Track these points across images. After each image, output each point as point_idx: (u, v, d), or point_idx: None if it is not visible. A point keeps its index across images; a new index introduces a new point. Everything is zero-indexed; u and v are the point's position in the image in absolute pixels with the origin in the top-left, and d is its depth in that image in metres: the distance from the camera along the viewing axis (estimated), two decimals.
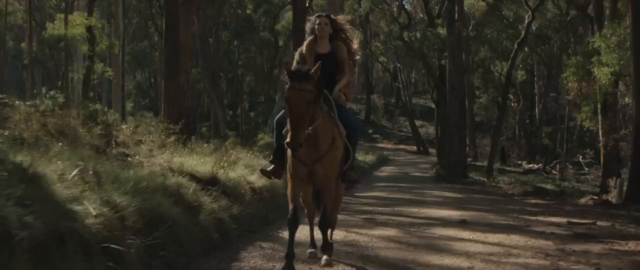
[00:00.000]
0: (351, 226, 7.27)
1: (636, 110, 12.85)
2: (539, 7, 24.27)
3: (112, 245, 3.78)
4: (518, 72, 31.21)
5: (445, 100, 22.44)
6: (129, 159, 7.20)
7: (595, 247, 6.27)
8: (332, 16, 5.43)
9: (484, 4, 24.98)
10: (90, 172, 4.62)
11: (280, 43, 35.00)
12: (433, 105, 32.44)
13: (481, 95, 34.12)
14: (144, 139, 8.75)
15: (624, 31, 14.27)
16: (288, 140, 4.43)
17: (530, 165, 26.75)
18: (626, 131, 16.21)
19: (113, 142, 8.00)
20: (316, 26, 5.25)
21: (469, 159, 29.28)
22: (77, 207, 3.90)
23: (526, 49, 27.89)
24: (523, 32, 22.45)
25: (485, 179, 20.26)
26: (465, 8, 24.25)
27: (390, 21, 30.37)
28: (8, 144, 5.34)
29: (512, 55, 22.37)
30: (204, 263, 5.03)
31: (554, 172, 24.24)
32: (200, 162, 7.89)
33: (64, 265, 3.43)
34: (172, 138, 9.81)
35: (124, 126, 9.48)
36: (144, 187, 4.95)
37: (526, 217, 9.27)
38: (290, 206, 4.89)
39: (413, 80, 49.79)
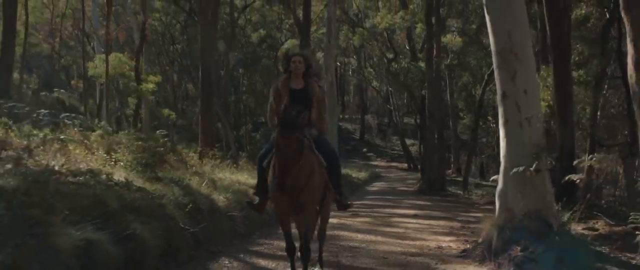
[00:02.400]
0: (342, 217, 12.19)
1: (559, 135, 17.79)
2: None
3: (233, 213, 8.81)
4: (495, 96, 35.96)
5: (426, 125, 27.40)
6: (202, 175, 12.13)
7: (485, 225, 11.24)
8: (306, 55, 6.21)
9: (460, 39, 29.91)
10: (209, 181, 9.63)
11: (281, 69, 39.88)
12: None
13: (465, 116, 38.92)
14: (204, 161, 13.67)
15: None
16: (277, 181, 5.17)
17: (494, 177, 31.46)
18: None
19: (188, 165, 12.92)
20: (291, 64, 5.99)
21: (453, 175, 34.10)
22: (214, 197, 8.91)
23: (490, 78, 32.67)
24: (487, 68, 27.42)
25: (461, 192, 25.02)
26: (445, 43, 29.00)
27: (381, 52, 35.18)
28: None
29: (482, 85, 27.27)
30: (264, 230, 9.90)
31: None
32: (243, 177, 12.88)
33: (216, 220, 8.41)
34: (217, 161, 14.78)
35: (191, 153, 14.37)
36: (233, 190, 9.93)
37: (462, 213, 14.23)
38: (284, 235, 5.94)
39: (405, 101, 54.30)
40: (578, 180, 7.76)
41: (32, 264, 4.38)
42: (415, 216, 13.01)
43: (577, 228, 9.49)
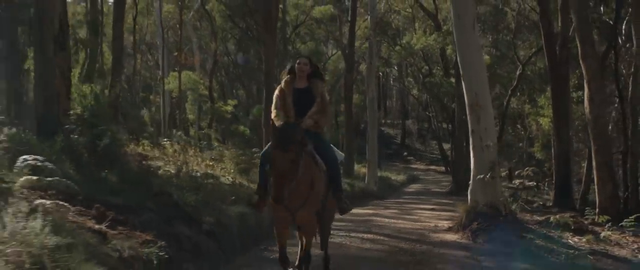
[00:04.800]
0: (377, 209, 17.50)
1: (557, 146, 22.66)
2: (532, 59, 33.92)
3: None
4: (525, 106, 40.67)
5: (456, 134, 32.48)
6: None
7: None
8: (311, 58, 6.74)
9: (488, 57, 34.67)
10: None
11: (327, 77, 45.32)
12: None
13: (497, 124, 43.59)
14: None
15: None
16: (272, 194, 5.34)
17: (529, 183, 36.20)
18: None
19: None
20: (296, 65, 6.42)
21: None
22: None
23: (522, 90, 37.29)
24: (515, 81, 32.32)
25: None
26: None
27: (417, 67, 40.13)
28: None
29: (506, 100, 32.13)
30: None
31: (541, 188, 33.77)
32: None
33: None
34: None
35: None
36: None
37: None
38: (278, 246, 6.22)
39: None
40: (521, 186, 12.84)
41: (224, 223, 9.77)
42: (432, 210, 18.21)
43: (538, 217, 14.66)
